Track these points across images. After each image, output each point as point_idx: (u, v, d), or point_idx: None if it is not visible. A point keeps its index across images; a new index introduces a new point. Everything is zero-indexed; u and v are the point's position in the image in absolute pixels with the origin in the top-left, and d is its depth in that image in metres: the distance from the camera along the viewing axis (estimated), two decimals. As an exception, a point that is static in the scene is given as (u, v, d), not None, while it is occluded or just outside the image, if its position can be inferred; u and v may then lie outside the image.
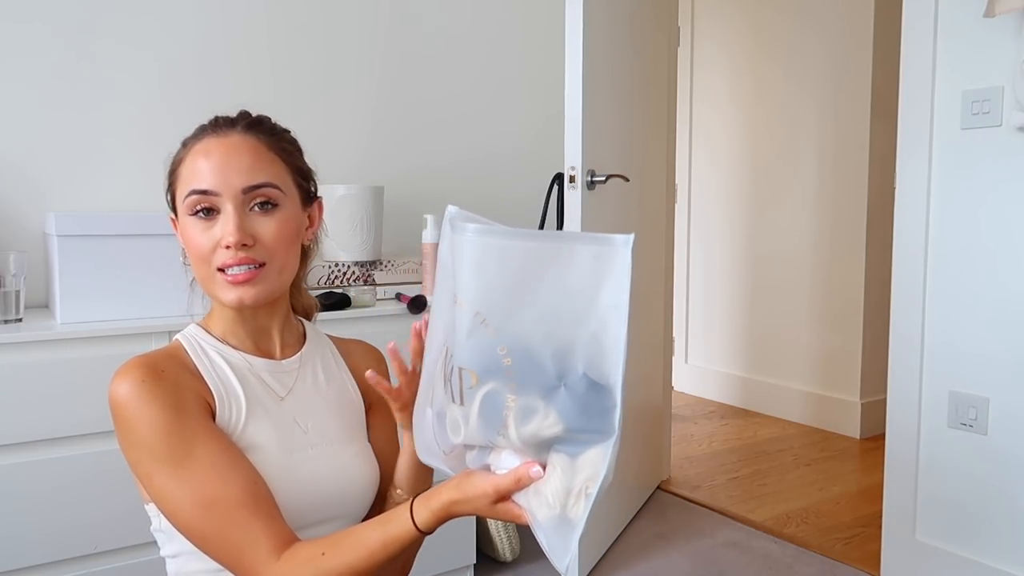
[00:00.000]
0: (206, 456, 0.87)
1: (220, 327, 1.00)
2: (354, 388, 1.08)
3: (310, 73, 2.15)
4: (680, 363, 4.05)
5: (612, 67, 2.07)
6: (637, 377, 2.42)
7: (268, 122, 0.99)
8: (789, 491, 2.69)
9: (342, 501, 0.99)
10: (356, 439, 1.04)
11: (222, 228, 0.91)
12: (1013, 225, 1.81)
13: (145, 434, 0.87)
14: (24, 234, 1.81)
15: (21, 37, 1.79)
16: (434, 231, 1.99)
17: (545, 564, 2.13)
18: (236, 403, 0.94)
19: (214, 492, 0.85)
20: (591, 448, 0.72)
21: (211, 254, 0.92)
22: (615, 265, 0.70)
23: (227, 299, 0.93)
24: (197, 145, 0.94)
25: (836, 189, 3.32)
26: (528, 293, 0.71)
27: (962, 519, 1.92)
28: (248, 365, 0.98)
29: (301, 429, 0.98)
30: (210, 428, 0.89)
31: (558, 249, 0.71)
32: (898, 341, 2.02)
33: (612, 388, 0.71)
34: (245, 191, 0.92)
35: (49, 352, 1.51)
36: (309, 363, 1.04)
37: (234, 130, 0.95)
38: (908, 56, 1.97)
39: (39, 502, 1.50)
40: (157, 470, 0.87)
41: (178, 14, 1.96)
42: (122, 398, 0.88)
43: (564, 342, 0.71)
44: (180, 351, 0.96)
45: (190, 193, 0.92)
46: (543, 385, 0.71)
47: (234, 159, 0.92)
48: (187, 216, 0.93)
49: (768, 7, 3.55)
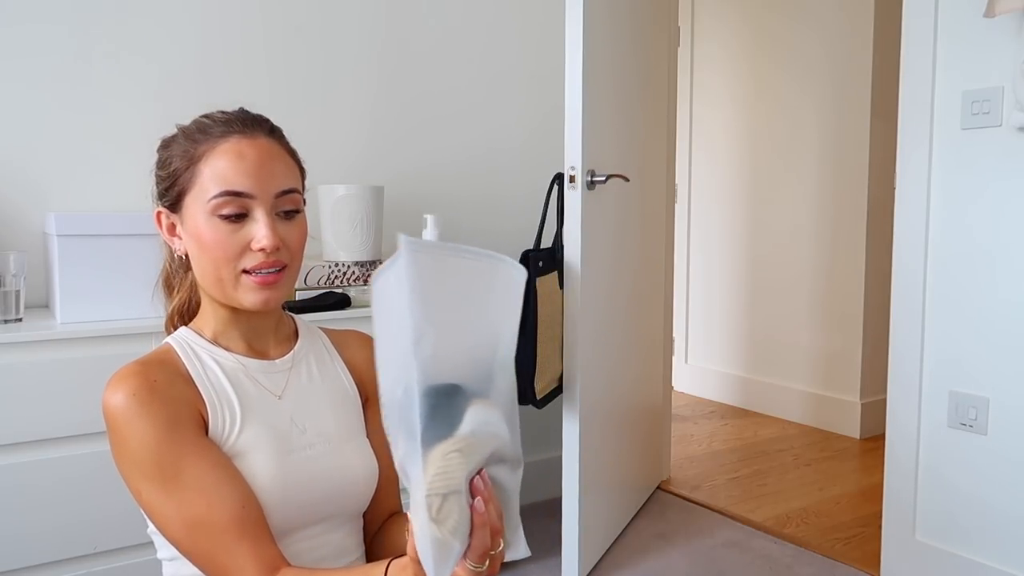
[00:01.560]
0: (194, 477, 0.86)
1: (212, 329, 0.98)
2: (349, 381, 1.07)
3: (308, 73, 2.15)
4: (680, 363, 4.05)
5: (612, 67, 2.07)
6: (637, 377, 2.42)
7: (277, 127, 0.99)
8: (789, 491, 2.69)
9: (342, 498, 0.98)
10: (354, 435, 1.03)
11: (256, 232, 0.90)
12: (1013, 225, 1.81)
13: (135, 449, 0.86)
14: (24, 234, 1.81)
15: (21, 38, 1.79)
16: (434, 231, 1.99)
17: (545, 564, 2.13)
18: (229, 408, 0.93)
19: (201, 514, 0.85)
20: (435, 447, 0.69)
21: (238, 256, 0.91)
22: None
23: (251, 301, 0.92)
24: (224, 144, 0.91)
25: (836, 189, 3.32)
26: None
27: (962, 519, 1.92)
28: (242, 367, 0.97)
29: (299, 429, 0.97)
30: (200, 445, 0.88)
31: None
32: (898, 341, 2.02)
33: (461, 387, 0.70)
34: (277, 196, 0.92)
35: (49, 352, 1.51)
36: (303, 360, 1.03)
37: (261, 131, 0.94)
38: (908, 56, 1.97)
39: (39, 502, 1.50)
40: (145, 487, 0.87)
41: (177, 15, 1.96)
42: (114, 410, 0.87)
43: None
44: (172, 355, 0.95)
45: (222, 194, 0.90)
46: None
47: (267, 164, 0.92)
48: (210, 216, 0.90)
49: (768, 7, 3.55)
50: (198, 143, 0.92)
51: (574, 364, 1.93)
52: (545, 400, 1.95)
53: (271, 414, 0.96)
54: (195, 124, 0.95)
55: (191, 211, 0.92)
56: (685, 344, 4.07)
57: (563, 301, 1.96)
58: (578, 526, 1.96)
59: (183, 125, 0.97)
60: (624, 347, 2.27)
